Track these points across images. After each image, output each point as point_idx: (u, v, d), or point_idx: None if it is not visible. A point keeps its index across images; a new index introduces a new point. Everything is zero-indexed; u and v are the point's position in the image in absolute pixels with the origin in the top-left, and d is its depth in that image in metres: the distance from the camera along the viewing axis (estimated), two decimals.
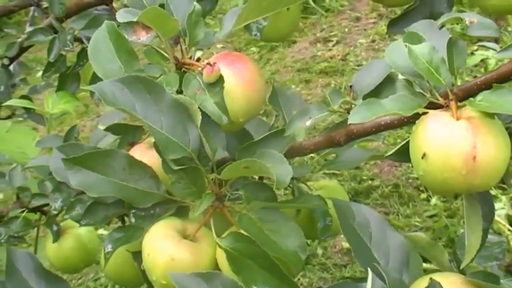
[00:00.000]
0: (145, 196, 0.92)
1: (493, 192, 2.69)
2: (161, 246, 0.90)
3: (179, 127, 0.88)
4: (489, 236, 1.06)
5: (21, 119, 1.72)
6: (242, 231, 0.86)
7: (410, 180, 2.93)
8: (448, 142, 0.74)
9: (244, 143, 1.00)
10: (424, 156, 0.75)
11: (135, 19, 0.85)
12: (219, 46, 4.03)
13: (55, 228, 1.34)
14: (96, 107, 3.60)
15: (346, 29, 3.97)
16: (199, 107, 0.88)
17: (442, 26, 0.81)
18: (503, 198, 2.70)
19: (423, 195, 2.82)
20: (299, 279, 2.48)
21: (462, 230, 2.51)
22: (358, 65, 3.67)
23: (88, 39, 1.43)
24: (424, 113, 0.78)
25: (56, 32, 1.47)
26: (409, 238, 0.96)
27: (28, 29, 1.57)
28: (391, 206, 2.85)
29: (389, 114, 0.76)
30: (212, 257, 0.91)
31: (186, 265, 0.89)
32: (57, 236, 1.34)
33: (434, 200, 2.80)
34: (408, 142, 0.80)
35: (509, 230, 2.45)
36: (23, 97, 1.62)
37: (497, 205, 2.65)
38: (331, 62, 3.72)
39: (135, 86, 0.87)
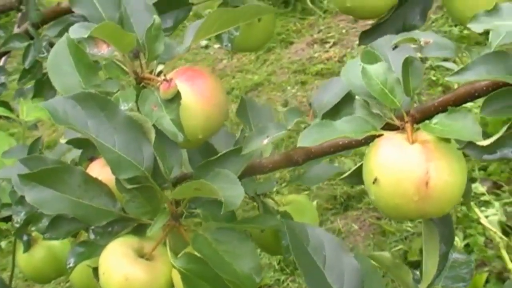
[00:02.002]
0: (100, 214, 0.90)
1: (486, 197, 2.66)
2: (116, 265, 0.88)
3: (133, 145, 0.86)
4: (457, 255, 1.04)
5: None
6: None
7: None
8: (400, 167, 0.72)
9: (208, 158, 0.99)
10: (375, 180, 0.73)
11: (86, 35, 0.83)
12: (216, 46, 4.02)
13: (25, 238, 1.32)
14: None
15: (344, 31, 3.94)
16: (154, 125, 0.86)
17: (396, 46, 0.79)
18: (496, 204, 2.67)
19: None
20: None
21: (456, 240, 2.48)
22: None
23: None
24: (380, 135, 0.76)
25: (32, 38, 1.45)
26: (373, 258, 0.94)
27: (16, 31, 1.55)
28: None
29: (341, 137, 0.74)
30: (168, 276, 0.89)
31: (140, 285, 0.87)
32: (28, 246, 1.33)
33: None
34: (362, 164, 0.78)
35: (500, 237, 2.43)
36: (0, 103, 1.60)
37: (489, 211, 2.63)
38: (327, 64, 3.69)
39: (88, 103, 0.85)
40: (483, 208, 2.64)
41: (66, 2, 1.38)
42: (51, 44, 1.41)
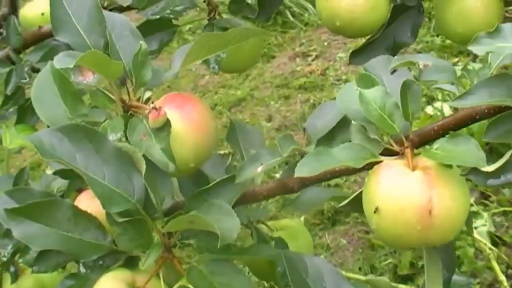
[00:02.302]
0: (91, 248, 0.87)
1: (474, 208, 2.65)
2: None
3: (123, 177, 0.83)
4: (457, 277, 1.02)
5: None
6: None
7: None
8: (402, 195, 0.70)
9: (199, 185, 0.96)
10: (376, 210, 0.71)
11: (72, 65, 0.80)
12: (197, 62, 3.98)
13: (12, 269, 1.29)
14: None
15: (326, 43, 3.92)
16: (144, 155, 0.84)
17: (394, 71, 0.77)
18: (485, 214, 2.66)
19: None
20: None
21: None
22: (338, 80, 3.63)
23: None
24: (379, 162, 0.74)
25: (14, 63, 1.42)
26: (371, 283, 0.91)
27: None
28: None
29: (339, 166, 0.72)
30: None
31: None
32: (16, 277, 1.29)
33: None
34: (362, 192, 0.76)
35: (490, 248, 2.41)
36: None
37: (478, 222, 2.61)
38: (310, 77, 3.67)
39: (76, 135, 0.82)
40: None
41: (47, 25, 1.35)
42: (33, 69, 1.38)
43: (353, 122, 0.79)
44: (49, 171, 0.97)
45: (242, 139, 1.08)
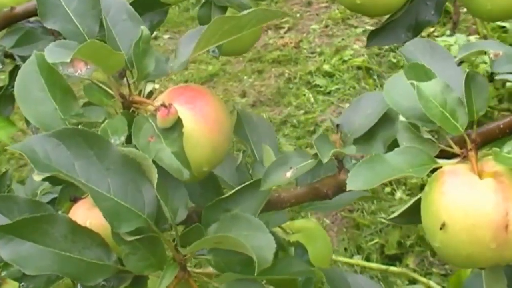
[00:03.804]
0: (94, 269, 0.75)
1: None
2: None
3: (131, 188, 0.71)
4: None
5: None
6: None
7: None
8: (474, 209, 0.59)
9: (208, 189, 0.84)
10: (443, 226, 0.60)
11: (68, 59, 0.67)
12: (166, 36, 3.84)
13: None
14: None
15: (298, 15, 3.80)
16: (153, 160, 0.71)
17: (461, 62, 0.65)
18: None
19: (387, 189, 2.69)
20: None
21: None
22: (312, 53, 3.52)
23: (21, 57, 1.25)
24: (438, 167, 0.63)
25: None
26: None
27: None
28: (354, 203, 2.71)
29: (397, 176, 0.60)
30: None
31: None
32: None
33: (399, 194, 2.67)
34: (416, 201, 0.65)
35: None
36: None
37: None
38: (283, 51, 3.56)
39: (73, 140, 0.70)
40: None
41: (20, 6, 1.21)
42: (6, 55, 1.24)
43: (400, 119, 0.67)
44: (36, 177, 0.84)
45: (250, 132, 0.96)
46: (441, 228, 0.60)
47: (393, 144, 0.71)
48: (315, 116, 3.08)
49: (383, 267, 2.25)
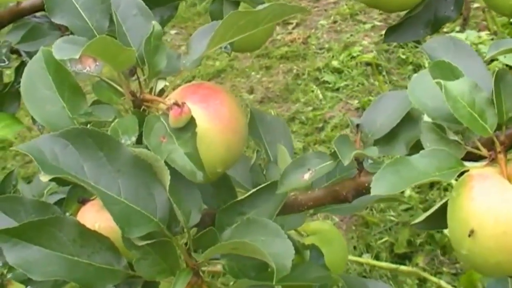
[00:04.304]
0: (103, 274, 0.72)
1: None
2: None
3: (142, 190, 0.68)
4: None
5: None
6: None
7: None
8: (505, 216, 0.56)
9: (221, 190, 0.81)
10: (472, 233, 0.57)
11: (77, 55, 0.64)
12: (172, 32, 3.81)
13: None
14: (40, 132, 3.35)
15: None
16: (166, 161, 0.68)
17: (492, 60, 0.62)
18: None
19: None
20: None
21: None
22: (321, 49, 3.48)
23: (27, 53, 1.22)
24: (465, 170, 0.60)
25: None
26: None
27: None
28: None
29: (424, 181, 0.57)
30: None
31: None
32: None
33: (408, 192, 2.64)
34: (442, 206, 0.62)
35: None
36: None
37: None
38: (291, 46, 3.52)
39: (83, 141, 0.67)
40: None
41: (28, 0, 1.18)
42: (12, 51, 1.21)
43: (424, 119, 0.64)
44: (43, 177, 0.81)
45: (264, 131, 0.93)
46: (469, 235, 0.57)
47: (416, 146, 0.68)
48: (323, 113, 3.05)
49: (393, 266, 2.23)
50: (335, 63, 3.32)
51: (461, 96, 0.59)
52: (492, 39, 2.89)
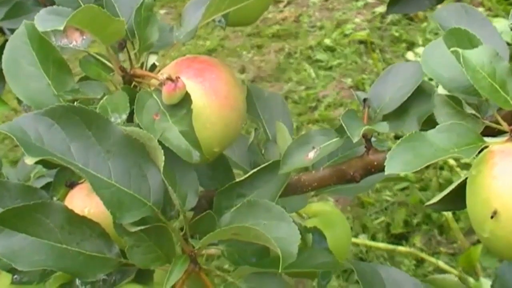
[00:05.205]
0: (93, 263, 0.67)
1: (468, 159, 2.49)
2: None
3: (135, 172, 0.63)
4: None
5: None
6: None
7: None
8: None
9: (218, 171, 0.76)
10: (494, 214, 0.52)
11: (62, 27, 0.59)
12: (162, 12, 3.74)
13: None
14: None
15: None
16: (159, 141, 0.63)
17: None
18: None
19: None
20: None
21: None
22: (313, 27, 3.42)
23: (11, 30, 1.16)
24: (485, 147, 0.55)
25: None
26: (434, 283, 0.74)
27: None
28: None
29: (442, 158, 0.52)
30: None
31: None
32: None
33: None
34: (459, 186, 0.57)
35: None
36: None
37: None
38: (283, 25, 3.46)
39: (69, 119, 0.62)
40: (465, 171, 2.47)
41: None
42: None
43: (438, 91, 0.59)
44: (28, 160, 0.75)
45: (261, 108, 0.88)
46: (492, 217, 0.52)
47: (428, 121, 0.63)
48: (316, 92, 3.00)
49: (391, 247, 2.19)
50: (327, 41, 3.27)
51: (480, 66, 0.54)
52: (488, 16, 2.85)
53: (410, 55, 3.11)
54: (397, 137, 2.28)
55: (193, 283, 0.70)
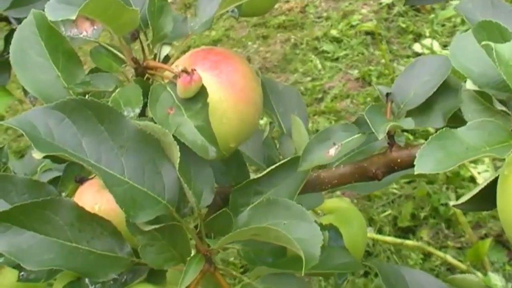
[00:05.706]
0: (104, 262, 0.64)
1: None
2: None
3: (149, 169, 0.61)
4: None
5: None
6: None
7: None
8: None
9: (232, 167, 0.74)
10: None
11: (73, 16, 0.56)
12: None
13: None
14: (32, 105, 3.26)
15: None
16: (174, 136, 0.61)
17: None
18: (486, 159, 2.49)
19: None
20: None
21: (448, 201, 2.29)
22: (319, 17, 3.39)
23: (17, 19, 1.14)
24: None
25: None
26: (454, 283, 0.71)
27: None
28: None
29: (474, 157, 0.50)
30: None
31: None
32: None
33: None
34: (489, 186, 0.54)
35: None
36: None
37: (480, 167, 2.44)
38: (289, 15, 3.43)
39: (80, 113, 0.59)
40: (473, 165, 2.45)
41: None
42: (1, 19, 1.14)
43: (466, 87, 0.57)
44: (36, 155, 0.73)
45: (275, 102, 0.86)
46: None
47: (454, 117, 0.61)
48: (322, 83, 2.97)
49: (398, 240, 2.17)
50: (334, 32, 3.24)
51: None
52: None
53: (417, 46, 3.07)
54: (404, 131, 2.25)
55: (207, 282, 0.67)
